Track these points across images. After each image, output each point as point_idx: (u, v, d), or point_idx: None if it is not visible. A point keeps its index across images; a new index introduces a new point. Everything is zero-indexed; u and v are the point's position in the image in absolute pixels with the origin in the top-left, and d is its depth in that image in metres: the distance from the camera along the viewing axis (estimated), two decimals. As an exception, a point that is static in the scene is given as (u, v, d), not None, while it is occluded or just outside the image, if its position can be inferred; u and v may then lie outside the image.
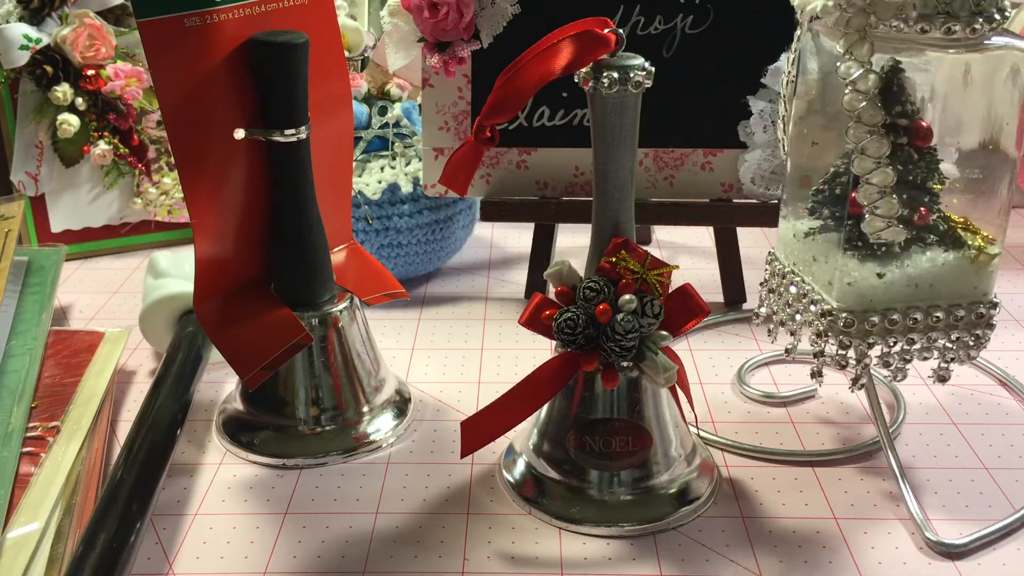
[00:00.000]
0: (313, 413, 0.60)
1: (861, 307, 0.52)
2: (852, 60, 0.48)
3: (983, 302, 0.53)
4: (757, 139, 0.72)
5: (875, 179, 0.48)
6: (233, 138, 0.54)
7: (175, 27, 0.51)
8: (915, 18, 0.47)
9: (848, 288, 0.52)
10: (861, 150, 0.48)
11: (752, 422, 0.63)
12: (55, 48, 0.85)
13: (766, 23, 0.72)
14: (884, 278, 0.51)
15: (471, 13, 0.71)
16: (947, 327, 0.53)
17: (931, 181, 0.51)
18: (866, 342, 0.52)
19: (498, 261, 0.88)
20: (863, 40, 0.47)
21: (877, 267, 0.51)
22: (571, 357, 0.52)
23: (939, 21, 0.47)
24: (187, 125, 0.53)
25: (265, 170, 0.56)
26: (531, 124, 0.75)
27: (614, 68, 0.49)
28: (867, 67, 0.47)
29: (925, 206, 0.51)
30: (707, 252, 0.86)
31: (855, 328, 0.52)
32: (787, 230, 0.57)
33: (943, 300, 0.52)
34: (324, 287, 0.60)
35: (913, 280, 0.52)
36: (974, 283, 0.53)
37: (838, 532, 0.52)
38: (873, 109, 0.48)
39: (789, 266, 0.57)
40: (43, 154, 0.86)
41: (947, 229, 0.52)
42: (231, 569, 0.50)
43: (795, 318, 0.56)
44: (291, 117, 0.55)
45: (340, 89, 0.60)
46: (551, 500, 0.54)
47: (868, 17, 0.47)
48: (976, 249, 0.52)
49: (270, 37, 0.53)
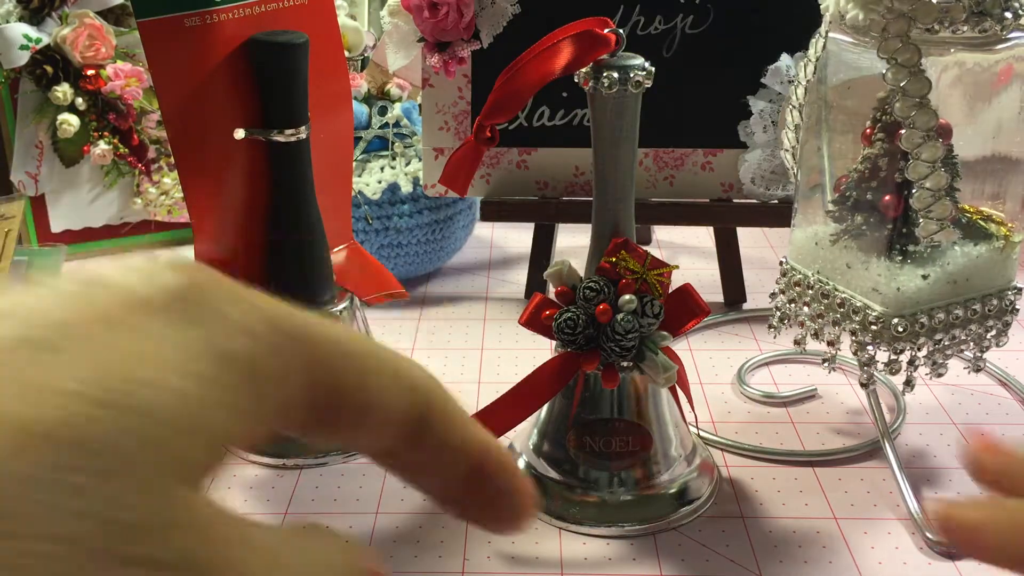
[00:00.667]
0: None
1: (910, 310, 0.52)
2: (898, 66, 0.47)
3: (1010, 288, 0.54)
4: (757, 139, 0.72)
5: (929, 183, 0.49)
6: (233, 138, 0.54)
7: (175, 27, 0.51)
8: (951, 19, 0.47)
9: (897, 293, 0.52)
10: (916, 155, 0.48)
11: (752, 422, 0.63)
12: (55, 48, 0.84)
13: (766, 23, 0.72)
14: (928, 279, 0.52)
15: (471, 13, 0.71)
16: (982, 317, 0.54)
17: (956, 178, 0.51)
18: (916, 344, 0.52)
19: (498, 261, 0.88)
20: (907, 45, 0.47)
21: (919, 269, 0.52)
22: (571, 357, 0.52)
23: (973, 21, 0.47)
24: (187, 125, 0.53)
25: (265, 170, 0.56)
26: (531, 124, 0.75)
27: (614, 68, 0.49)
28: (917, 72, 0.47)
29: (953, 202, 0.51)
30: (707, 252, 0.86)
31: (906, 332, 0.52)
32: (806, 237, 0.56)
33: (977, 292, 0.53)
34: (324, 287, 0.60)
35: (952, 276, 0.52)
36: (1003, 272, 0.54)
37: (838, 532, 0.52)
38: (927, 114, 0.48)
39: (812, 275, 0.56)
40: (43, 154, 0.86)
41: (971, 222, 0.52)
42: (231, 569, 0.50)
43: (831, 327, 0.55)
44: (291, 117, 0.55)
45: (340, 89, 0.60)
46: (551, 500, 0.54)
47: (909, 22, 0.47)
48: (1003, 239, 0.53)
49: (270, 37, 0.53)
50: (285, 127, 0.55)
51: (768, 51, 0.72)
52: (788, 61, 0.71)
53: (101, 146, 0.86)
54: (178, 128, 0.52)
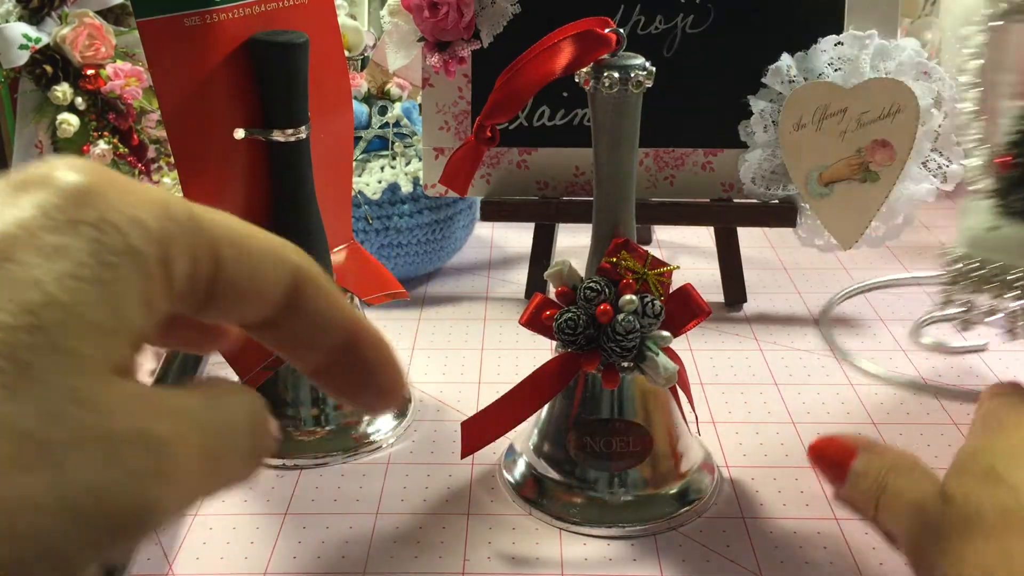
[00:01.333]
0: (313, 413, 0.60)
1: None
2: None
3: None
4: (758, 139, 0.72)
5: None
6: (233, 138, 0.54)
7: (175, 27, 0.51)
8: None
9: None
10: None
11: (753, 422, 0.63)
12: (55, 48, 0.84)
13: (767, 23, 0.72)
14: None
15: (471, 13, 0.71)
16: None
17: None
18: None
19: (498, 261, 0.88)
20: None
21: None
22: (572, 357, 0.52)
23: None
24: (187, 125, 0.53)
25: (265, 170, 0.56)
26: (531, 124, 0.75)
27: (615, 68, 0.49)
28: None
29: None
30: (707, 252, 0.85)
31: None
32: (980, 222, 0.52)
33: None
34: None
35: None
36: None
37: (839, 533, 0.52)
38: None
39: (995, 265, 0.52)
40: (43, 154, 0.86)
41: None
42: (231, 569, 0.50)
43: None
44: (291, 117, 0.55)
45: (340, 89, 0.60)
46: (551, 501, 0.54)
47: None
48: None
49: (270, 37, 0.53)
50: (285, 127, 0.55)
51: (769, 51, 0.71)
52: (788, 61, 0.71)
53: (101, 146, 0.86)
54: (178, 128, 0.52)
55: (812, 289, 0.82)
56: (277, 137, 0.55)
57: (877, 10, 0.72)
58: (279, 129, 0.55)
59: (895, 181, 0.70)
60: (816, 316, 0.77)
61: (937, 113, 0.70)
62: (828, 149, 0.70)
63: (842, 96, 0.69)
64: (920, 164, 0.71)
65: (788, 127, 0.70)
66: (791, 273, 0.85)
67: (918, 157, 0.71)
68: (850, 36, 0.71)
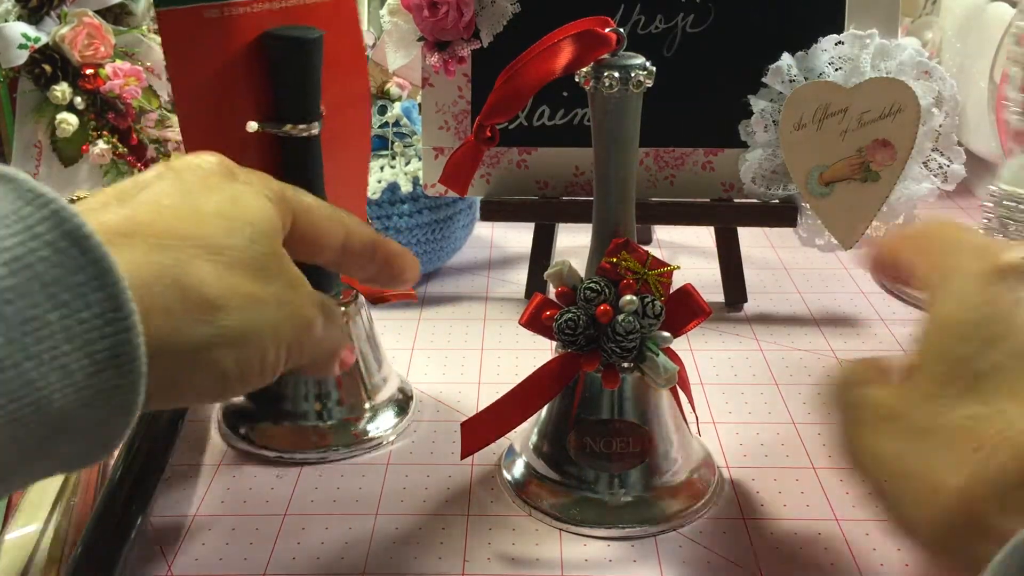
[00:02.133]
0: (316, 408, 0.60)
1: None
2: None
3: None
4: (758, 139, 0.72)
5: None
6: (245, 131, 0.54)
7: (194, 18, 0.51)
8: None
9: None
10: None
11: (753, 422, 0.63)
12: (54, 47, 0.84)
13: (767, 22, 0.72)
14: None
15: (471, 12, 0.71)
16: None
17: None
18: None
19: (498, 261, 0.88)
20: None
21: None
22: (572, 358, 0.52)
23: None
24: (201, 117, 0.53)
25: (276, 164, 0.56)
26: (531, 124, 0.75)
27: (615, 67, 0.49)
28: None
29: None
30: (707, 252, 0.85)
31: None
32: None
33: None
34: (330, 283, 0.60)
35: None
36: None
37: (840, 534, 0.52)
38: None
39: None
40: (42, 153, 0.86)
41: None
42: (230, 570, 0.50)
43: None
44: (303, 112, 0.55)
45: (359, 88, 0.60)
46: (552, 501, 0.54)
47: None
48: None
49: (284, 32, 0.53)
50: (298, 121, 0.55)
51: (769, 50, 0.71)
52: (789, 60, 0.71)
53: (100, 145, 0.86)
54: (191, 120, 0.53)
55: (812, 289, 0.81)
56: (289, 131, 0.55)
57: (878, 9, 0.72)
58: (291, 124, 0.55)
59: (896, 181, 0.70)
60: (816, 316, 0.77)
61: (938, 113, 0.70)
62: (829, 149, 0.70)
63: (843, 96, 0.69)
64: (921, 164, 0.71)
65: (788, 127, 0.70)
66: (791, 273, 0.84)
67: (919, 157, 0.71)
68: (851, 36, 0.70)
